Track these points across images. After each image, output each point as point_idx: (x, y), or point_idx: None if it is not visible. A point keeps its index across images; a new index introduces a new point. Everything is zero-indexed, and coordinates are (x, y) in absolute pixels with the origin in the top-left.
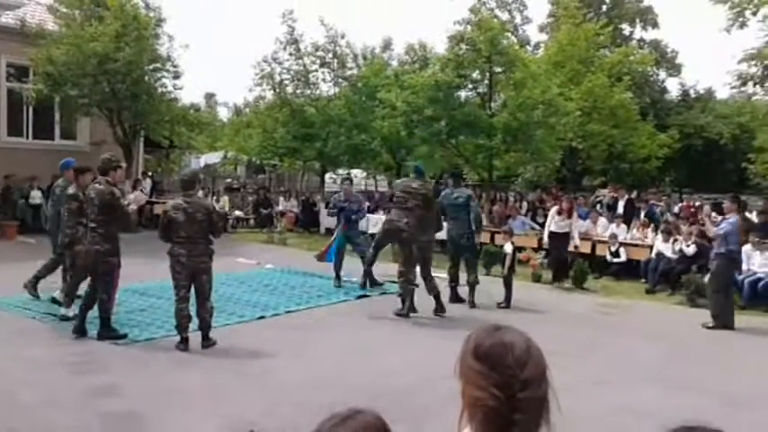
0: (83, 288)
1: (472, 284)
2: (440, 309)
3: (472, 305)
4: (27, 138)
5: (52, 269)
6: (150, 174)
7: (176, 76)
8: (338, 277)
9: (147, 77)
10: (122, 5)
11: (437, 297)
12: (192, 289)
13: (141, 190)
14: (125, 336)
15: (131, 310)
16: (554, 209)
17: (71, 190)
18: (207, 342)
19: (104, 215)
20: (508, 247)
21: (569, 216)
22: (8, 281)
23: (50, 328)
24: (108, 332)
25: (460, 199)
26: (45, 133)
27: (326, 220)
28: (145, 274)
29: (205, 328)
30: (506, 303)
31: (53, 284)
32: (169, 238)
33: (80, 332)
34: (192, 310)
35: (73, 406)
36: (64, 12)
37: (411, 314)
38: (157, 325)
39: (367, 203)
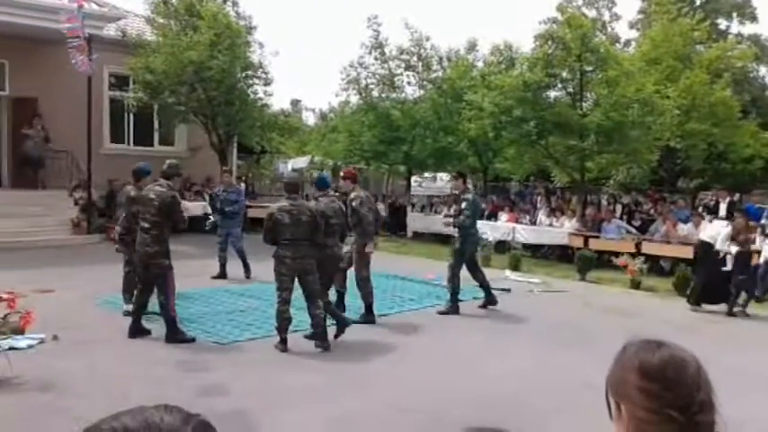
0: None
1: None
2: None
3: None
4: (128, 144)
5: None
6: (244, 178)
7: (267, 82)
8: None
9: (239, 84)
10: (215, 15)
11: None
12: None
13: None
14: (193, 339)
15: (232, 311)
16: (726, 231)
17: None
18: (324, 343)
19: (160, 217)
20: None
21: (747, 240)
22: (112, 280)
23: (154, 327)
24: (175, 335)
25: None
26: (145, 140)
27: (414, 224)
28: (243, 277)
29: (318, 326)
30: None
31: None
32: (274, 241)
33: (135, 334)
34: (293, 311)
35: (183, 404)
36: (161, 22)
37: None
38: (257, 326)
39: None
